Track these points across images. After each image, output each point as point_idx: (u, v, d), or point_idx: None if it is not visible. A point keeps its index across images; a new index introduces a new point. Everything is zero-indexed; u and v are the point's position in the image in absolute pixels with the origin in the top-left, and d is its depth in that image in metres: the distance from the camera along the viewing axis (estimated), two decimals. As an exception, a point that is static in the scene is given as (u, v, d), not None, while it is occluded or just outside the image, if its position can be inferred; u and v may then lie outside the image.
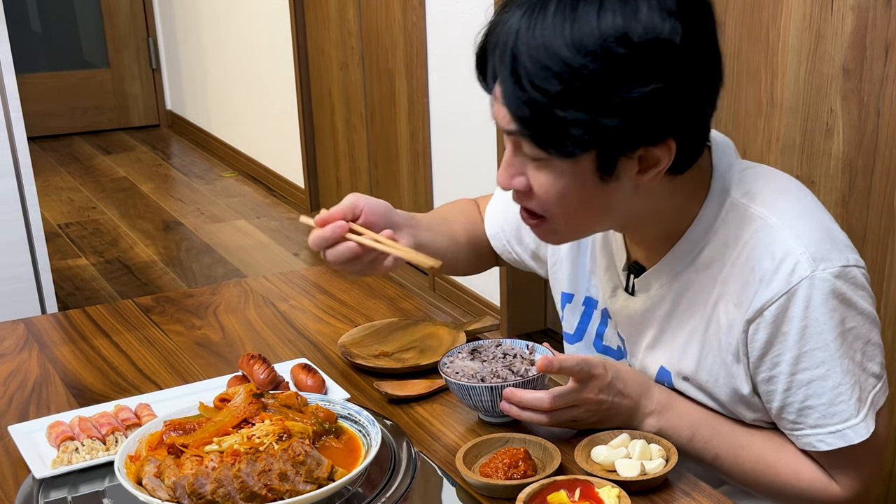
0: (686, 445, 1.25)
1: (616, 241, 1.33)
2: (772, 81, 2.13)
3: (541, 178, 1.15)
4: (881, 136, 1.94)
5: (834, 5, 1.97)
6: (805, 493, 1.23)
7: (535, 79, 1.07)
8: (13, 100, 2.63)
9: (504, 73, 1.10)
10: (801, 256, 1.14)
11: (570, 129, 1.08)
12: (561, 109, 1.07)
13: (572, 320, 1.43)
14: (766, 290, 1.16)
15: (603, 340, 1.40)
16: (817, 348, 1.16)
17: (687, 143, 1.14)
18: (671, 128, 1.11)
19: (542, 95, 1.07)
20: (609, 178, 1.13)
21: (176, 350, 1.56)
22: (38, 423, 1.30)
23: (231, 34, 5.20)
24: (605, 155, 1.11)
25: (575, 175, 1.13)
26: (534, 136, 1.11)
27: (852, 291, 1.16)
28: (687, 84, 1.09)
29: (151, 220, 4.62)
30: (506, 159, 1.18)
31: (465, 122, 3.39)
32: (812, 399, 1.18)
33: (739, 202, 1.20)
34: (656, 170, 1.14)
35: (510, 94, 1.10)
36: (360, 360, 1.46)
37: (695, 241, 1.22)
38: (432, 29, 3.48)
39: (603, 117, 1.07)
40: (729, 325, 1.20)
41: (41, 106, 5.75)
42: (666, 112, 1.09)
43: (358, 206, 1.30)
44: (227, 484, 1.05)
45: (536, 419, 1.22)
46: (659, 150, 1.12)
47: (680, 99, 1.09)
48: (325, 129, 4.48)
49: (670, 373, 1.28)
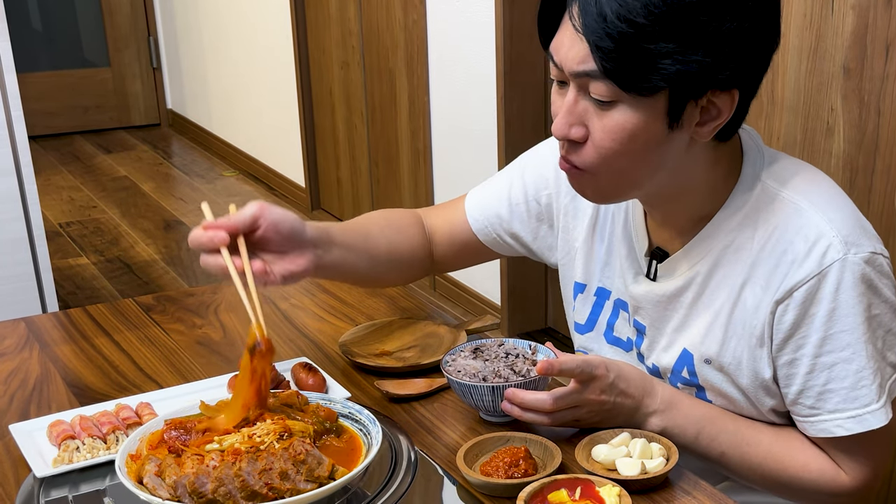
0: (691, 444, 1.25)
1: (637, 227, 1.33)
2: (772, 80, 2.13)
3: (610, 121, 1.13)
4: (882, 135, 1.94)
5: (834, 4, 1.97)
6: (813, 485, 1.23)
7: (620, 8, 1.06)
8: (14, 98, 2.63)
9: (585, 6, 1.09)
10: (834, 239, 1.15)
11: (658, 61, 1.07)
12: (647, 41, 1.06)
13: (584, 310, 1.43)
14: (798, 270, 1.16)
15: (613, 331, 1.39)
16: (844, 331, 1.16)
17: (747, 97, 1.16)
18: (741, 75, 1.12)
19: (629, 26, 1.06)
20: (676, 125, 1.13)
21: (177, 349, 1.56)
22: (39, 421, 1.30)
23: (232, 33, 5.20)
24: (677, 96, 1.11)
25: (646, 117, 1.12)
26: (615, 71, 1.09)
27: (879, 279, 1.17)
28: (762, 30, 1.12)
29: (152, 219, 4.62)
30: (566, 107, 1.15)
31: (465, 120, 3.39)
32: (834, 382, 1.18)
33: (770, 186, 1.21)
34: (715, 123, 1.15)
35: (591, 29, 1.08)
36: (361, 358, 1.46)
37: (724, 224, 1.23)
38: (433, 28, 3.48)
39: (690, 51, 1.07)
40: (755, 307, 1.20)
41: (42, 105, 5.75)
42: (747, 53, 1.11)
43: (259, 219, 1.22)
44: (227, 483, 1.05)
45: (538, 420, 1.22)
46: (722, 101, 1.13)
47: (755, 44, 1.11)
48: (326, 128, 4.48)
49: (693, 355, 1.28)
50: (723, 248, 1.23)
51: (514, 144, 3.13)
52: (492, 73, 3.16)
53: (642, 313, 1.33)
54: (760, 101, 2.17)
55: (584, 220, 1.40)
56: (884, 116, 1.93)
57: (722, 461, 1.26)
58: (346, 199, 4.43)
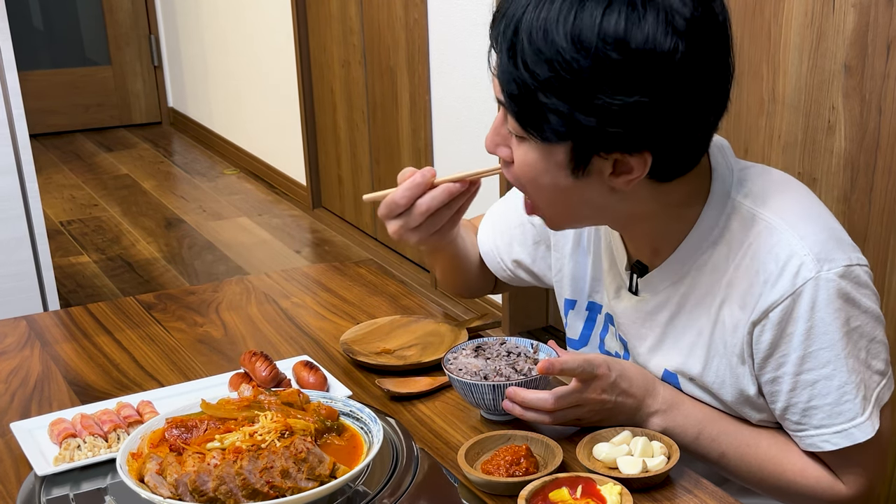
0: (692, 444, 1.25)
1: (615, 241, 1.33)
2: (773, 78, 2.13)
3: (519, 154, 1.17)
4: (883, 134, 1.94)
5: (836, 2, 1.97)
6: (811, 492, 1.23)
7: (528, 59, 1.08)
8: (15, 97, 2.63)
9: (504, 46, 1.11)
10: (806, 258, 1.14)
11: (549, 115, 1.09)
12: (544, 95, 1.08)
13: (576, 326, 1.43)
14: (772, 292, 1.15)
15: (605, 346, 1.40)
16: (823, 348, 1.16)
17: (666, 158, 1.13)
18: (648, 141, 1.10)
19: (531, 77, 1.08)
20: (580, 173, 1.14)
21: (178, 347, 1.56)
22: (40, 420, 1.30)
23: (233, 31, 5.20)
24: (580, 150, 1.11)
25: (549, 161, 1.14)
26: (518, 114, 1.13)
27: (856, 290, 1.16)
28: (675, 103, 1.08)
29: (153, 217, 4.62)
30: (494, 125, 1.20)
31: (466, 119, 3.39)
32: (817, 399, 1.18)
33: (741, 204, 1.20)
34: (629, 177, 1.13)
35: (503, 68, 1.11)
36: (362, 357, 1.46)
37: (698, 244, 1.22)
38: (434, 26, 3.48)
39: (581, 114, 1.07)
40: (734, 326, 1.20)
41: (43, 103, 5.75)
42: (645, 126, 1.08)
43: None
44: (229, 481, 1.05)
45: (539, 419, 1.22)
46: (633, 160, 1.12)
47: (663, 116, 1.08)
48: (327, 127, 4.48)
49: (676, 375, 1.28)
50: (698, 269, 1.23)
51: (515, 143, 3.13)
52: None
53: (623, 328, 1.34)
54: (762, 99, 2.17)
55: (569, 235, 1.42)
56: (885, 115, 1.93)
57: (721, 462, 1.26)
58: (348, 197, 4.43)
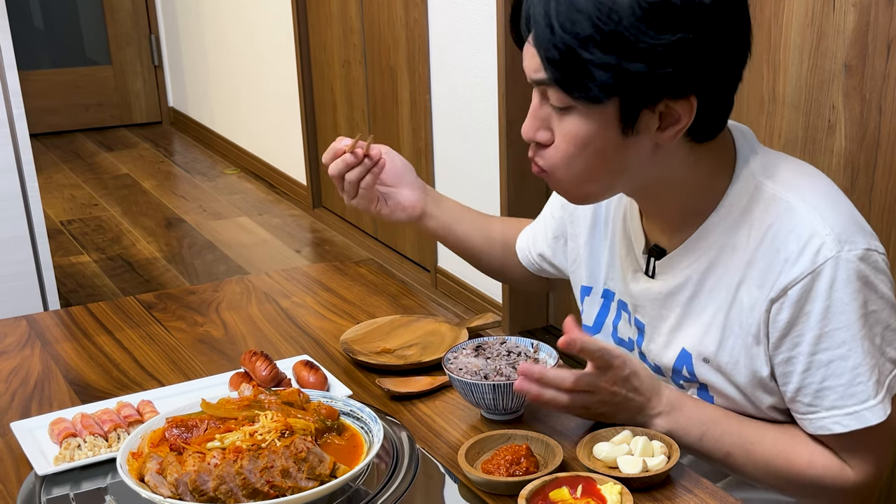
0: (696, 445, 1.25)
1: (634, 225, 1.33)
2: (774, 78, 2.13)
3: (565, 127, 1.17)
4: (883, 133, 1.94)
5: (836, 2, 1.97)
6: (819, 481, 1.23)
7: (565, 20, 1.09)
8: (15, 96, 2.63)
9: (538, 15, 1.12)
10: (827, 237, 1.15)
11: (596, 71, 1.10)
12: (587, 52, 1.09)
13: (591, 312, 1.44)
14: (792, 269, 1.16)
15: (618, 332, 1.40)
16: (839, 328, 1.17)
17: (709, 104, 1.16)
18: (694, 83, 1.12)
19: (572, 37, 1.09)
20: (630, 131, 1.15)
21: (178, 347, 1.56)
22: (41, 419, 1.30)
23: (233, 31, 5.20)
24: (628, 104, 1.13)
25: (598, 124, 1.15)
26: (561, 80, 1.13)
27: (875, 275, 1.17)
28: (714, 41, 1.11)
29: (154, 217, 4.62)
30: (532, 111, 1.20)
31: (467, 118, 3.39)
32: (830, 380, 1.18)
33: (765, 185, 1.21)
34: (676, 128, 1.15)
35: (542, 36, 1.12)
36: (363, 356, 1.46)
37: (719, 224, 1.23)
38: (434, 26, 3.48)
39: (628, 61, 1.09)
40: (751, 306, 1.21)
41: (43, 103, 5.75)
42: (691, 65, 1.11)
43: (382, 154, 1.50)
44: (229, 481, 1.05)
45: (556, 398, 1.20)
46: (680, 106, 1.14)
47: (706, 54, 1.11)
48: (328, 126, 4.48)
49: (691, 355, 1.28)
50: (719, 249, 1.24)
51: (515, 142, 3.13)
52: (493, 71, 3.16)
53: (641, 311, 1.34)
54: (762, 99, 2.17)
55: (584, 223, 1.43)
56: (885, 114, 1.93)
57: (727, 462, 1.26)
58: (348, 196, 4.43)
